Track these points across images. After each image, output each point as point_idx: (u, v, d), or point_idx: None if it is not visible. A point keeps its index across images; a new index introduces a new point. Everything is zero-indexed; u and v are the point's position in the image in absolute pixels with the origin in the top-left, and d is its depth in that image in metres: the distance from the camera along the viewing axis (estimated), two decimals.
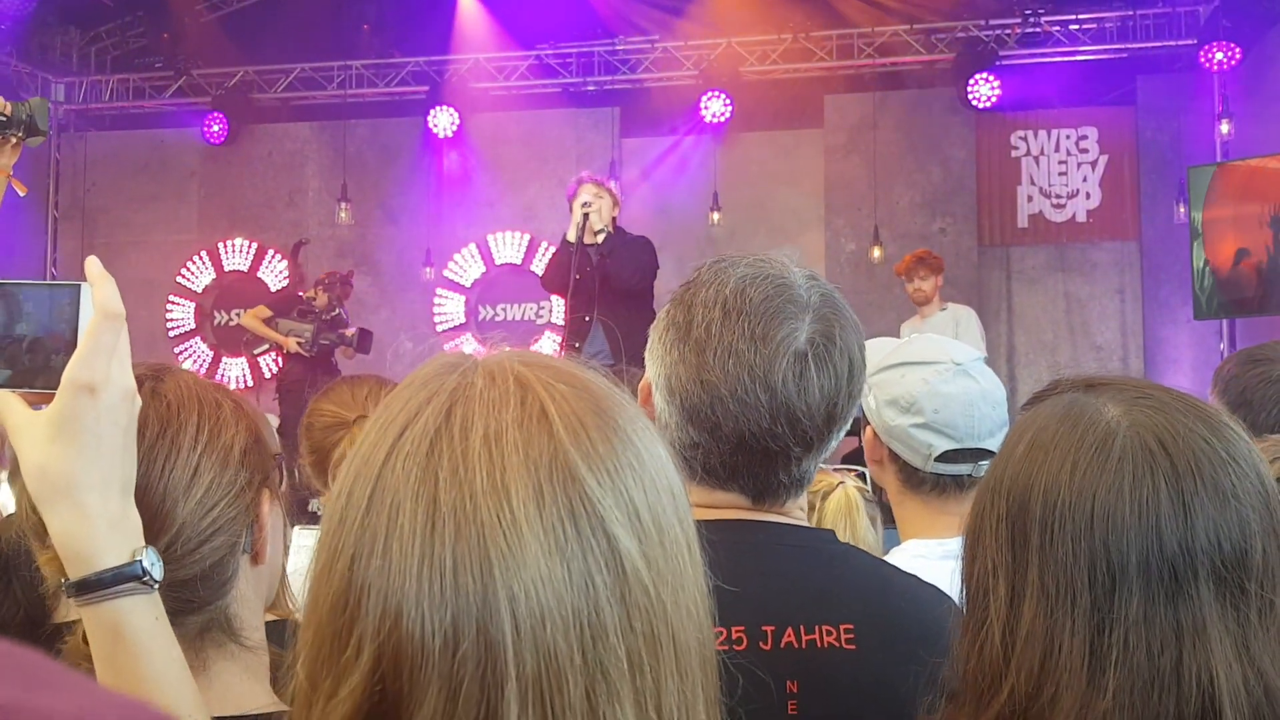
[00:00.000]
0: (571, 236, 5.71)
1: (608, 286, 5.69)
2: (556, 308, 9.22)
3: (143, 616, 0.95)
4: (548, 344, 9.37)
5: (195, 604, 1.07)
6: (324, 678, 0.70)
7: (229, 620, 1.12)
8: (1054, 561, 0.96)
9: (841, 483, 2.66)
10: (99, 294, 0.96)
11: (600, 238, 5.71)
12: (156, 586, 0.96)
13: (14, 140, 3.77)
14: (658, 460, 0.76)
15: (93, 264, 0.98)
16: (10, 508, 3.15)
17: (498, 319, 9.89)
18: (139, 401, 0.97)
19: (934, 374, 1.97)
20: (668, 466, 0.77)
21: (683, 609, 0.73)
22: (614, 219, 5.83)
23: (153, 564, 0.95)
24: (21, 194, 3.93)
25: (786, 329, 1.31)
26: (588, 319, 5.71)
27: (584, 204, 5.69)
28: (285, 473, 1.23)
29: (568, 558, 0.69)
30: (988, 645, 0.98)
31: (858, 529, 2.58)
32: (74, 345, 0.98)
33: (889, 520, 2.68)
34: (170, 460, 1.06)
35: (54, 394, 0.95)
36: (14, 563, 1.93)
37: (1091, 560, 0.95)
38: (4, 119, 3.48)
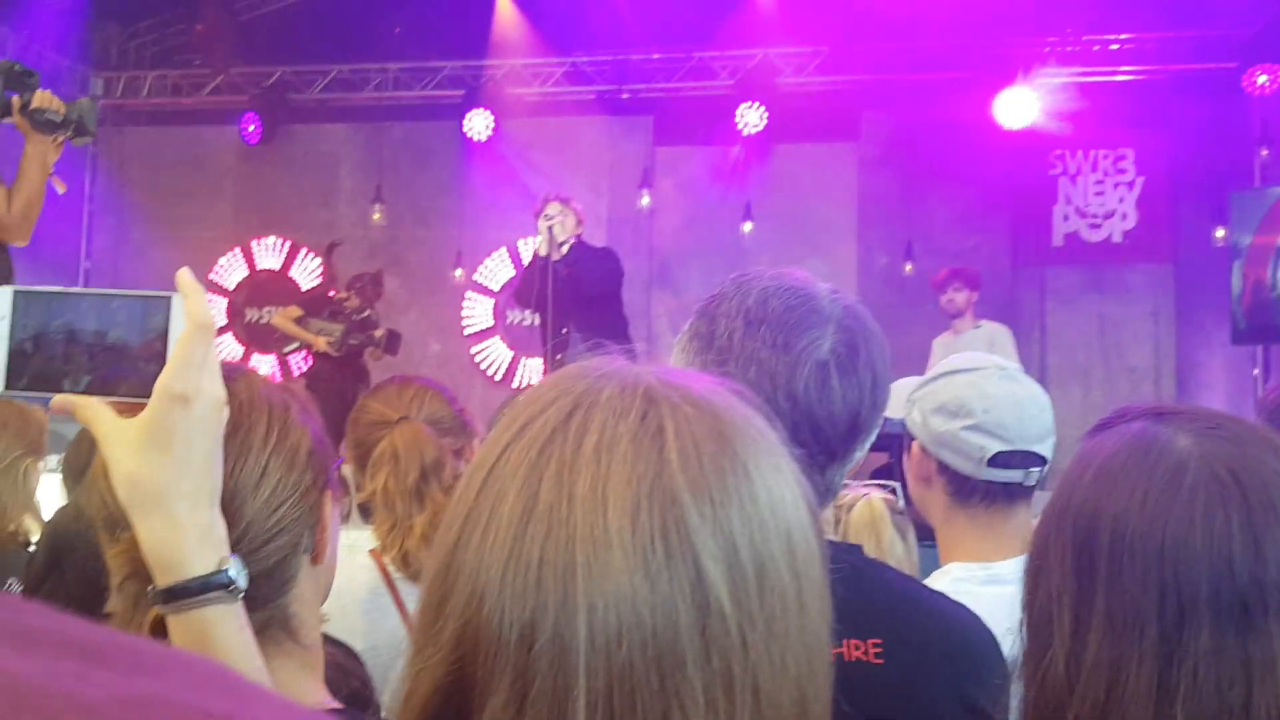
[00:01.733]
0: (543, 251, 6.04)
1: (579, 296, 5.99)
2: None
3: (228, 626, 0.97)
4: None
5: (257, 601, 1.07)
6: (424, 644, 0.72)
7: (288, 619, 1.13)
8: (1122, 591, 0.95)
9: (866, 495, 2.65)
10: (191, 306, 0.97)
11: (565, 249, 6.05)
12: (241, 596, 0.97)
13: (60, 139, 3.81)
14: (778, 502, 0.73)
15: (185, 275, 0.99)
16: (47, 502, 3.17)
17: (524, 324, 9.90)
18: (227, 412, 0.99)
19: (980, 377, 1.97)
20: (791, 511, 0.74)
21: (776, 660, 0.70)
22: (579, 235, 6.18)
23: (239, 573, 0.97)
24: (60, 191, 3.97)
25: (808, 338, 1.31)
26: (566, 331, 6.01)
27: (545, 217, 6.07)
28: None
29: (653, 579, 0.67)
30: (1051, 674, 0.97)
31: (883, 541, 2.57)
32: (164, 355, 1.00)
33: (925, 536, 2.66)
34: (241, 459, 1.07)
35: (139, 403, 0.97)
36: (66, 555, 1.96)
37: (1161, 591, 0.93)
38: (57, 120, 3.52)
